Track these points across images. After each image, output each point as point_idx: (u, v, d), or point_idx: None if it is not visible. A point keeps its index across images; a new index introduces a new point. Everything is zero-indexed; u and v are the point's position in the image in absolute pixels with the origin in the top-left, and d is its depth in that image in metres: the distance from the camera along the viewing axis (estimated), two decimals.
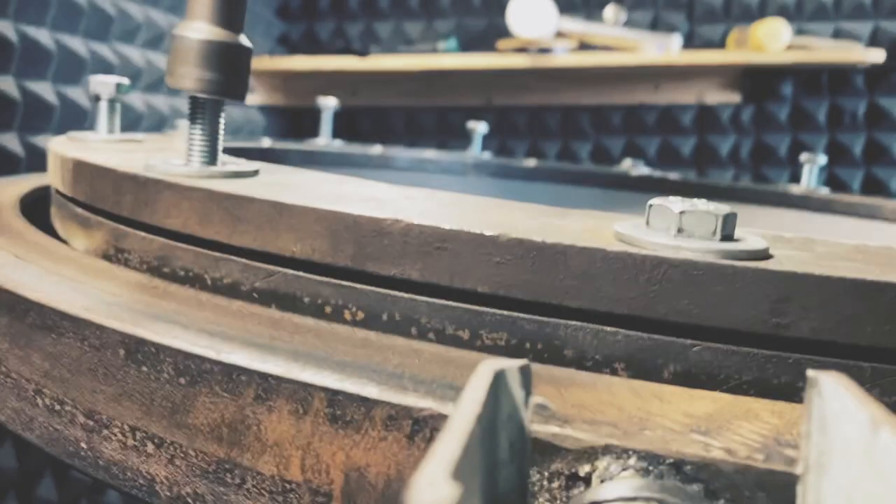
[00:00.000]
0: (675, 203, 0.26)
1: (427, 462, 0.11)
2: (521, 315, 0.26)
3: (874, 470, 0.15)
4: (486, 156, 1.06)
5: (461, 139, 1.57)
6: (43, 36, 0.90)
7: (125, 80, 0.55)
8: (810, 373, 0.17)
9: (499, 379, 0.17)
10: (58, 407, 0.30)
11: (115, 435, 0.28)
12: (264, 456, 0.25)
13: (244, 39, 0.36)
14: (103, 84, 0.54)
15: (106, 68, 1.02)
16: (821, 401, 0.17)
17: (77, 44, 0.96)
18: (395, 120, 1.77)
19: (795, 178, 1.54)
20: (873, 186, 1.53)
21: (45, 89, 0.91)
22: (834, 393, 0.17)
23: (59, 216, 0.45)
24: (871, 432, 0.15)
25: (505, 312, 0.26)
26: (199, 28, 0.34)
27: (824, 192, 0.96)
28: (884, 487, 0.14)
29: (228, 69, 0.34)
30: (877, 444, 0.15)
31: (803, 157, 1.02)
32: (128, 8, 1.10)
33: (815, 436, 0.17)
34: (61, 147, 0.44)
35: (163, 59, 1.22)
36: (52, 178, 0.45)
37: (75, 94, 0.97)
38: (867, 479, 0.15)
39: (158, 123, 1.18)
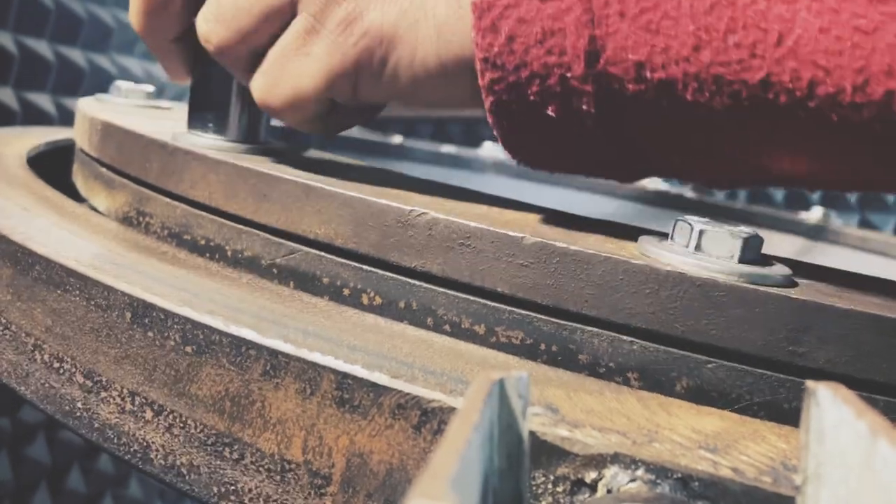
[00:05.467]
0: (701, 222, 0.26)
1: (425, 473, 0.11)
2: (539, 316, 0.26)
3: (873, 480, 0.15)
4: (504, 156, 1.05)
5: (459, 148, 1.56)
6: (42, 47, 0.89)
7: (150, 88, 0.55)
8: (809, 383, 0.17)
9: (497, 389, 0.17)
10: (56, 364, 0.30)
11: (114, 398, 0.28)
12: (266, 433, 0.25)
13: None
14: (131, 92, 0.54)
15: (105, 79, 1.00)
16: (819, 411, 0.17)
17: (76, 55, 0.95)
18: (394, 130, 1.76)
19: (793, 194, 1.55)
20: (870, 201, 1.53)
21: (44, 101, 0.90)
22: (832, 403, 0.16)
23: (81, 174, 0.44)
24: (870, 442, 0.15)
25: (523, 312, 0.26)
26: None
27: (838, 223, 0.95)
28: (882, 497, 0.14)
29: None
30: (875, 454, 0.15)
31: None
32: (127, 19, 1.08)
33: (813, 446, 0.17)
34: (90, 108, 0.44)
35: (162, 70, 1.19)
36: (79, 137, 0.45)
37: (74, 105, 0.95)
38: (866, 490, 0.15)
39: None
